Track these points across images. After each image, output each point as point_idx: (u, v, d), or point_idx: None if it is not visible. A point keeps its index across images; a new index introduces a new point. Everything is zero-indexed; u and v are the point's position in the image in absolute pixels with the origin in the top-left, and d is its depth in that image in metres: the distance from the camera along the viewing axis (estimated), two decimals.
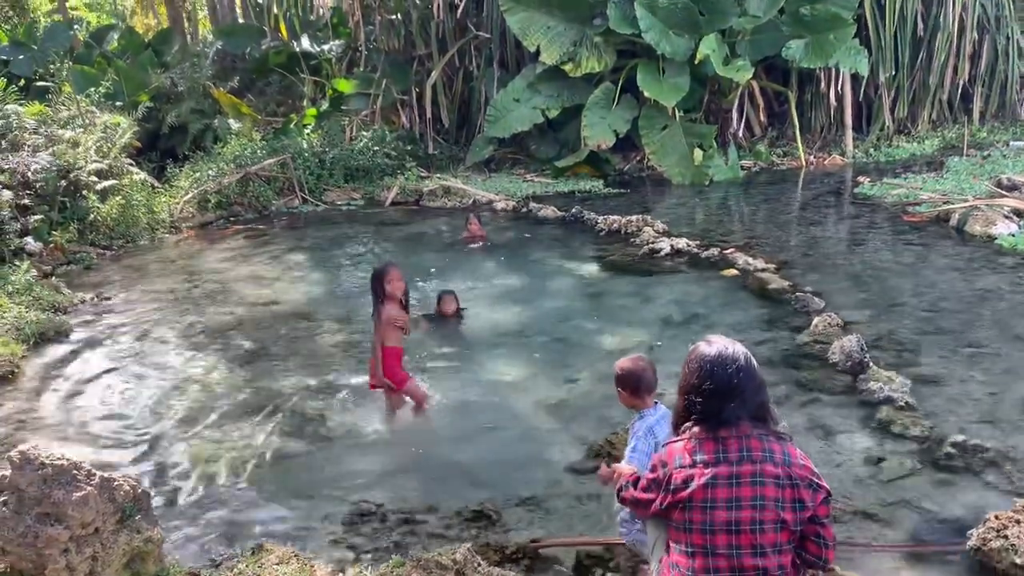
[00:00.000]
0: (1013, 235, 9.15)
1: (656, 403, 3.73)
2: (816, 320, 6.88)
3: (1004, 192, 10.93)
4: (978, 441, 4.85)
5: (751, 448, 2.53)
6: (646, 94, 14.36)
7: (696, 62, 14.22)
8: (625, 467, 3.19)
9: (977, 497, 4.39)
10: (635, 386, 3.72)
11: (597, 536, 4.20)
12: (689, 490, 2.51)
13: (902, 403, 5.39)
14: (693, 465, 2.53)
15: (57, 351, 7.38)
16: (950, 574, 3.79)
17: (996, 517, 3.86)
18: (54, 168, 11.06)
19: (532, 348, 7.05)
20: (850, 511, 4.31)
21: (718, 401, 2.56)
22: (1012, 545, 3.69)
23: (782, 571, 2.46)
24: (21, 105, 12.23)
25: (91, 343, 7.59)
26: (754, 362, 2.63)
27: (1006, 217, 9.63)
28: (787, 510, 2.47)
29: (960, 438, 4.88)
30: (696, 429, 2.59)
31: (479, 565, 3.70)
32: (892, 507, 4.34)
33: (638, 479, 2.77)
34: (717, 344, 2.66)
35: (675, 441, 2.65)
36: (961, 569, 3.81)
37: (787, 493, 2.48)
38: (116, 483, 3.51)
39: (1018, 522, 3.79)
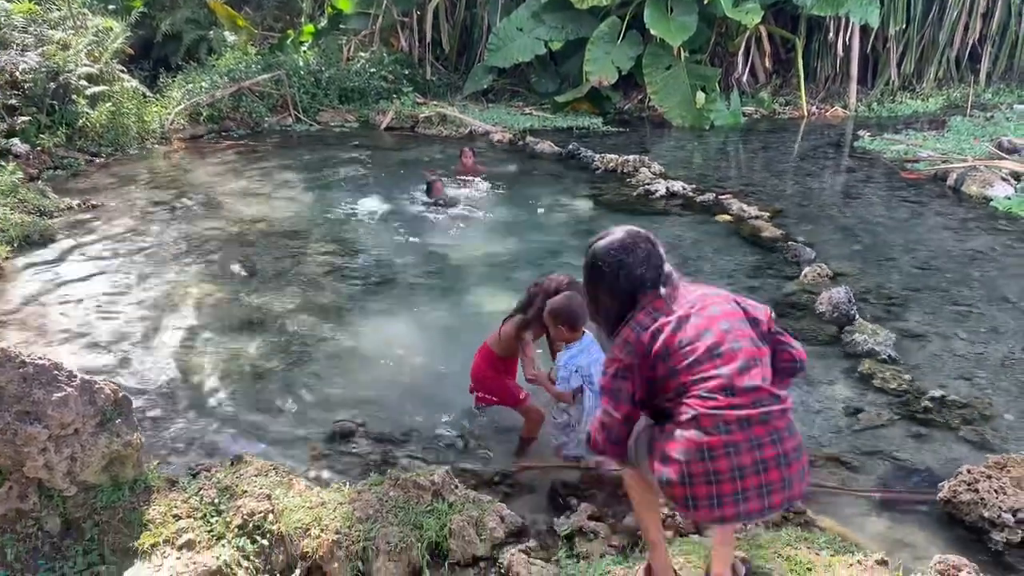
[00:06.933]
0: (1009, 198, 9.11)
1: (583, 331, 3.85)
2: (806, 270, 6.88)
3: (1004, 154, 10.86)
4: (956, 397, 4.90)
5: (690, 291, 2.72)
6: (652, 31, 14.06)
7: (705, 2, 13.92)
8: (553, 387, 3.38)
9: (950, 451, 4.45)
10: (574, 322, 3.74)
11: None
12: (662, 338, 2.58)
13: (885, 356, 5.43)
14: (655, 321, 2.62)
15: (41, 254, 7.32)
16: (919, 522, 3.85)
17: (969, 471, 3.91)
18: (43, 69, 10.79)
19: (519, 282, 7.01)
20: (824, 457, 4.36)
21: (644, 268, 2.69)
22: (982, 499, 3.75)
23: (766, 381, 2.57)
24: (9, 2, 11.85)
25: (76, 249, 7.51)
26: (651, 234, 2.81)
27: (1003, 179, 9.59)
28: (747, 327, 2.65)
29: (939, 393, 4.92)
30: (642, 300, 2.68)
31: (456, 487, 3.72)
32: (866, 456, 4.40)
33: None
34: (608, 235, 2.77)
35: (623, 326, 2.68)
36: (930, 519, 3.87)
37: (740, 314, 2.67)
38: (97, 386, 3.48)
39: (989, 477, 3.85)
